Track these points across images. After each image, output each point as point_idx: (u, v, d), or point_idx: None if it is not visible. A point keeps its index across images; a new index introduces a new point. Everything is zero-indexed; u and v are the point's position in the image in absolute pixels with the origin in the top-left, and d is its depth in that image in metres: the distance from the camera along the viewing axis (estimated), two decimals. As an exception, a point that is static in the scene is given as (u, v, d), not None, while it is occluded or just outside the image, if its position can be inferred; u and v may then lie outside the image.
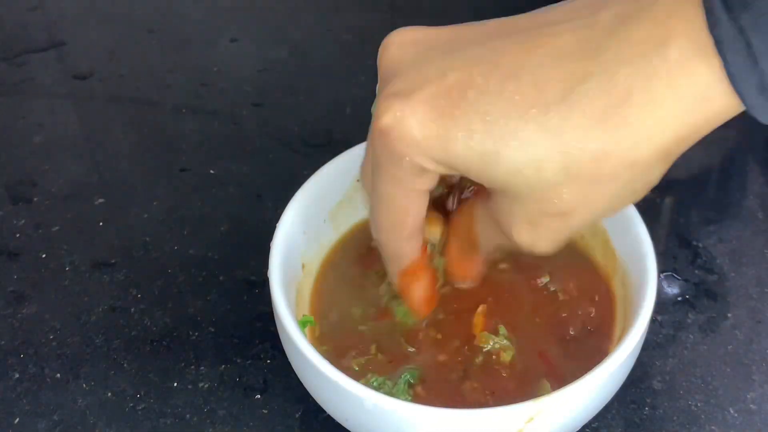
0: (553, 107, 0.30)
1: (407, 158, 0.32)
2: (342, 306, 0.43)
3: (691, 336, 0.47)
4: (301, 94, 0.63)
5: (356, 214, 0.46)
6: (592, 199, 0.32)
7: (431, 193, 0.35)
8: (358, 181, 0.45)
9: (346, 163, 0.44)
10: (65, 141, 0.60)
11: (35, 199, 0.56)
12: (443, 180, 0.39)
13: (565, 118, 0.30)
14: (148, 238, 0.53)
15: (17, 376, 0.46)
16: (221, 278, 0.50)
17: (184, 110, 0.62)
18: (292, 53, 0.68)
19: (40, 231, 0.54)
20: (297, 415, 0.44)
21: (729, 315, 0.48)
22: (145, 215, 0.55)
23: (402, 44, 0.34)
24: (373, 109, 0.34)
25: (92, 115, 0.63)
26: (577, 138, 0.30)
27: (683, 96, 0.29)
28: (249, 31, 0.70)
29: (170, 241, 0.53)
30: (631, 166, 0.30)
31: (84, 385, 0.45)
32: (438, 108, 0.31)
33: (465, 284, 0.41)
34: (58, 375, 0.46)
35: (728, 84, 0.28)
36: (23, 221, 0.54)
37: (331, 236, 0.45)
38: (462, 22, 0.35)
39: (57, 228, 0.54)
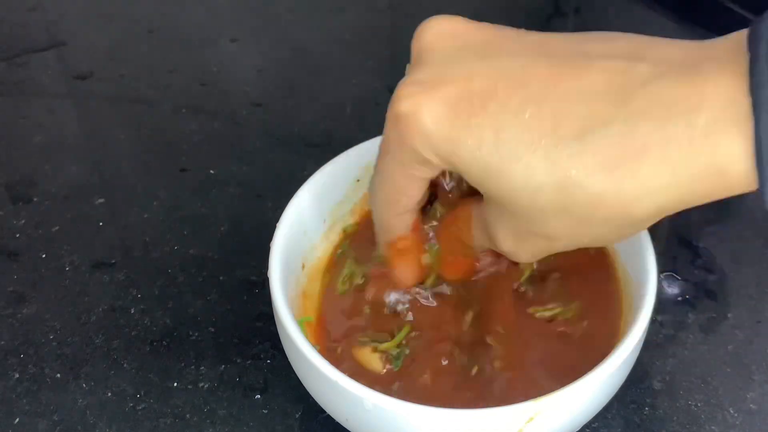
0: (565, 141, 0.30)
1: (413, 147, 0.33)
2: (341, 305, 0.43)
3: (691, 336, 0.47)
4: (301, 94, 0.63)
5: (356, 214, 0.46)
6: (578, 233, 0.33)
7: (431, 180, 0.36)
8: (358, 181, 0.45)
9: (346, 163, 0.44)
10: (65, 141, 0.60)
11: (35, 199, 0.56)
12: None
13: (574, 156, 0.30)
14: (148, 238, 0.53)
15: (17, 376, 0.46)
16: (221, 278, 0.50)
17: (184, 110, 0.62)
18: (292, 53, 0.68)
19: (40, 231, 0.54)
20: (297, 415, 0.44)
21: (729, 315, 0.48)
22: (145, 215, 0.55)
23: (440, 34, 0.35)
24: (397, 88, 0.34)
25: (92, 115, 0.63)
26: (580, 178, 0.30)
27: (699, 165, 0.29)
28: (249, 31, 0.70)
29: (170, 241, 0.53)
30: (625, 217, 0.31)
31: (84, 385, 0.45)
32: (456, 110, 0.32)
33: (458, 280, 0.42)
34: (58, 375, 0.46)
35: (751, 162, 0.28)
36: (23, 221, 0.54)
37: (331, 236, 0.45)
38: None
39: (57, 228, 0.54)
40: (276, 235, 0.41)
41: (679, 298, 0.49)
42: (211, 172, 0.57)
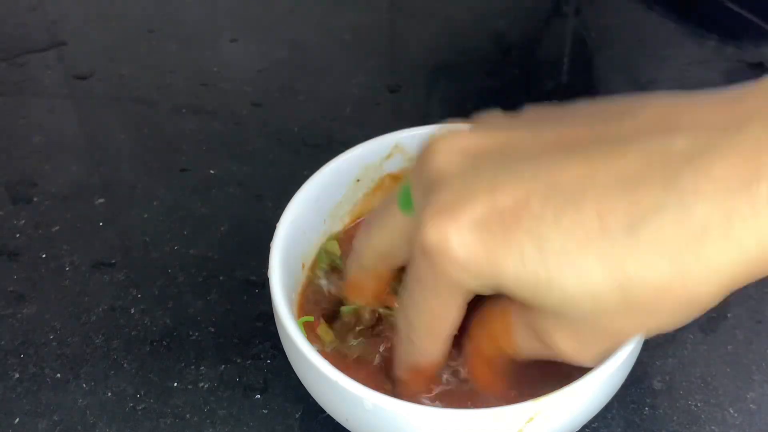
0: (617, 239, 0.28)
1: (450, 278, 0.31)
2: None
3: (691, 336, 0.47)
4: (301, 94, 0.64)
5: (356, 214, 0.46)
6: (645, 324, 0.31)
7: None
8: (358, 181, 0.45)
9: (346, 163, 0.44)
10: (65, 141, 0.61)
11: (35, 199, 0.56)
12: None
13: (630, 251, 0.28)
14: (148, 238, 0.53)
15: (17, 376, 0.46)
16: (221, 278, 0.50)
17: (184, 110, 0.62)
18: (292, 53, 0.68)
19: (40, 231, 0.54)
20: (297, 415, 0.44)
21: (729, 315, 0.48)
22: (145, 215, 0.55)
23: (449, 152, 0.32)
24: (415, 213, 0.32)
25: (92, 115, 0.63)
26: (640, 271, 0.28)
27: (765, 236, 0.27)
28: (249, 31, 0.70)
29: (170, 241, 0.53)
30: (692, 301, 0.29)
31: (84, 385, 0.45)
32: (488, 230, 0.30)
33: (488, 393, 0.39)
34: (58, 375, 0.46)
35: None
36: (23, 221, 0.54)
37: (330, 236, 0.45)
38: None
39: (57, 228, 0.54)
40: (276, 235, 0.41)
41: (679, 298, 0.48)
42: (211, 172, 0.57)
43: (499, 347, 0.36)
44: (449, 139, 0.33)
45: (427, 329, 0.35)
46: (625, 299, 0.29)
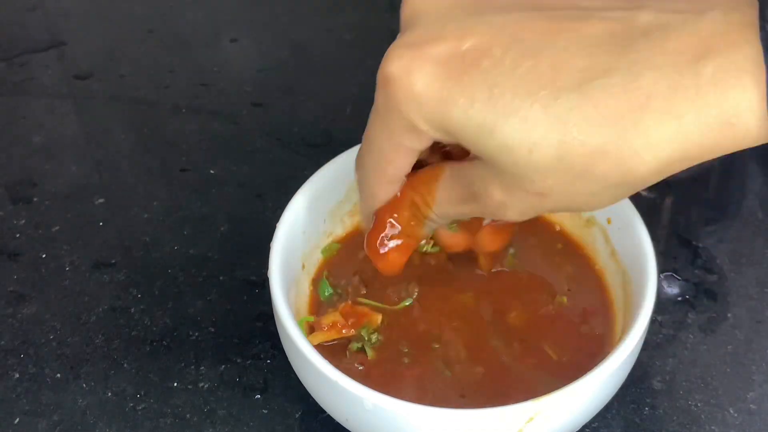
0: (564, 94, 0.29)
1: (402, 112, 0.32)
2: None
3: (691, 336, 0.47)
4: (301, 94, 0.63)
5: (356, 214, 0.46)
6: (573, 191, 0.31)
7: (421, 153, 0.34)
8: (358, 181, 0.45)
9: (346, 163, 0.44)
10: (65, 141, 0.60)
11: (35, 199, 0.56)
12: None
13: (574, 108, 0.29)
14: (148, 238, 0.53)
15: (17, 376, 0.46)
16: (221, 278, 0.50)
17: (184, 110, 0.62)
18: (292, 53, 0.68)
19: (40, 231, 0.54)
20: (297, 415, 0.44)
21: (729, 315, 0.48)
22: (145, 215, 0.55)
23: None
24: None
25: (92, 115, 0.63)
26: (581, 130, 0.29)
27: (706, 115, 0.28)
28: (249, 31, 0.70)
29: (170, 241, 0.53)
30: (626, 173, 0.30)
31: (84, 385, 0.45)
32: (447, 69, 0.31)
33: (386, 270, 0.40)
34: (58, 375, 0.46)
35: (763, 112, 0.27)
36: (23, 221, 0.54)
37: (331, 236, 0.45)
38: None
39: (57, 228, 0.54)
40: (276, 235, 0.41)
41: (679, 298, 0.49)
42: (211, 172, 0.57)
43: (417, 212, 0.36)
44: None
45: (375, 169, 0.35)
46: (560, 157, 0.30)
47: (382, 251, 0.38)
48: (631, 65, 0.29)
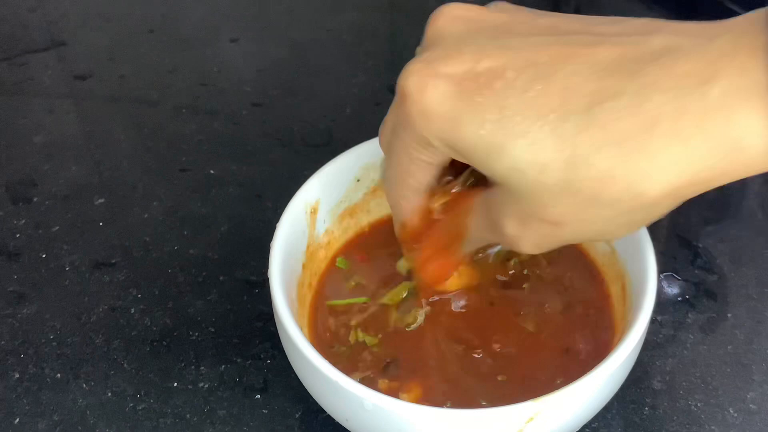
0: (573, 116, 0.29)
1: (416, 128, 0.32)
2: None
3: (691, 336, 0.47)
4: (301, 94, 0.64)
5: (356, 213, 0.46)
6: (585, 218, 0.31)
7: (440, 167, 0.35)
8: (358, 181, 0.45)
9: (346, 163, 0.44)
10: (65, 141, 0.61)
11: (35, 199, 0.56)
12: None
13: (582, 130, 0.29)
14: (148, 238, 0.53)
15: (17, 376, 0.46)
16: (221, 278, 0.50)
17: (184, 110, 0.62)
18: (292, 53, 0.68)
19: (40, 231, 0.54)
20: (297, 415, 0.44)
21: (729, 315, 0.48)
22: (145, 215, 0.55)
23: (453, 18, 0.34)
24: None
25: (92, 115, 0.63)
26: (588, 152, 0.29)
27: (713, 139, 0.28)
28: (249, 31, 0.70)
29: (170, 241, 0.53)
30: (636, 197, 0.29)
31: (84, 385, 0.45)
32: (461, 89, 0.31)
33: (435, 292, 0.41)
34: (58, 375, 0.46)
35: None
36: (23, 221, 0.54)
37: (330, 236, 0.46)
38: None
39: (57, 228, 0.54)
40: (276, 235, 0.41)
41: (679, 298, 0.49)
42: (211, 172, 0.57)
43: (454, 229, 0.37)
44: (454, 8, 0.35)
45: (397, 181, 0.36)
46: (568, 179, 0.30)
47: (429, 270, 0.40)
48: (639, 89, 0.29)
